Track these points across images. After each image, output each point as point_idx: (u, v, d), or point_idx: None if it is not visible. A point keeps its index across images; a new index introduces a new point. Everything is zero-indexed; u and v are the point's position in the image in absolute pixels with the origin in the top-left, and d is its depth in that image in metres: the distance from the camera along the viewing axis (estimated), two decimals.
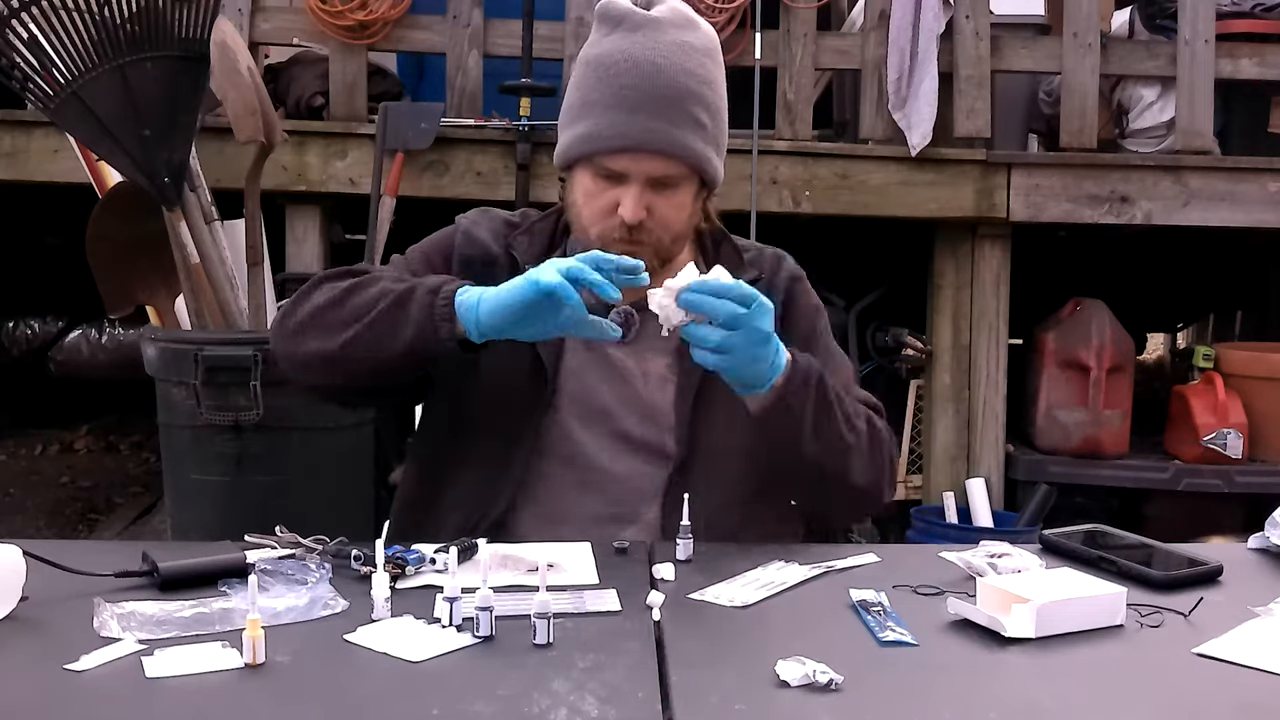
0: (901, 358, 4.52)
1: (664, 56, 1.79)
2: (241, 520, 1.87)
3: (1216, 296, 6.02)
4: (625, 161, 1.80)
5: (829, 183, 4.21)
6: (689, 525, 1.68)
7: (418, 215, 4.27)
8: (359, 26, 4.09)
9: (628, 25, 1.82)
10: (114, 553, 1.61)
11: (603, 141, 1.80)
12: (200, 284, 3.45)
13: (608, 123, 1.79)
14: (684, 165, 1.82)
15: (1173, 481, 4.32)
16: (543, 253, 1.92)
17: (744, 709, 1.22)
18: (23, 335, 5.75)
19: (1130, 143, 4.46)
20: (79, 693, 1.25)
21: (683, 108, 1.80)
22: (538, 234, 1.96)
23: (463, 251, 1.94)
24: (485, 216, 2.01)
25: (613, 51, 1.81)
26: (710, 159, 1.85)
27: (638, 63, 1.79)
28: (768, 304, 1.69)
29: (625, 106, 1.79)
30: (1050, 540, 1.73)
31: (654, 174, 1.80)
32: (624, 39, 1.81)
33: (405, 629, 1.40)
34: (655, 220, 1.83)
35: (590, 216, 1.84)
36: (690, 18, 1.85)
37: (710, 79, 1.84)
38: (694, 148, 1.81)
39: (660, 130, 1.79)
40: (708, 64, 1.84)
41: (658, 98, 1.78)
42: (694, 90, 1.81)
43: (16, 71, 3.23)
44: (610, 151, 1.80)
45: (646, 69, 1.79)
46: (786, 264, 2.01)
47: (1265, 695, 1.29)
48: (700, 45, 1.83)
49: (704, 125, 1.82)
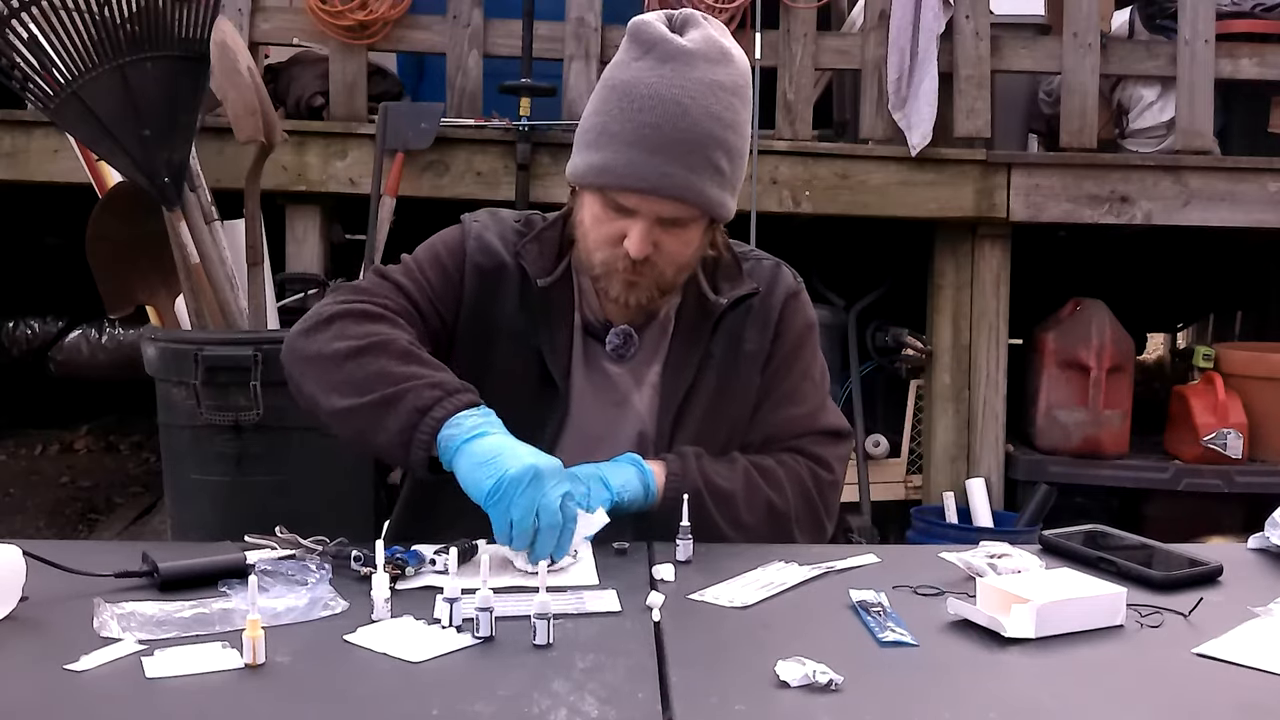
0: (901, 358, 4.52)
1: (691, 97, 1.74)
2: (241, 520, 1.87)
3: (1216, 296, 6.02)
4: (636, 200, 1.77)
5: (829, 183, 4.21)
6: (689, 525, 1.68)
7: (418, 215, 4.28)
8: (359, 26, 4.09)
9: (658, 54, 1.76)
10: (114, 553, 1.61)
11: (617, 178, 1.77)
12: (200, 284, 3.45)
13: (625, 160, 1.75)
14: (696, 209, 1.79)
15: (1173, 481, 4.32)
16: (551, 264, 1.90)
17: (744, 709, 1.22)
18: (23, 335, 5.75)
19: (1130, 143, 4.46)
20: (79, 693, 1.25)
21: (703, 154, 1.76)
22: (546, 243, 1.93)
23: (475, 259, 1.92)
24: (494, 220, 1.98)
25: (639, 83, 1.76)
26: (724, 202, 1.82)
27: (663, 100, 1.74)
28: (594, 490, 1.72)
29: (645, 146, 1.74)
30: (1050, 540, 1.73)
31: (664, 215, 1.78)
32: (652, 70, 1.75)
33: (405, 629, 1.40)
34: (660, 256, 1.81)
35: (596, 242, 1.82)
36: (724, 50, 1.79)
37: (735, 121, 1.78)
38: (709, 194, 1.78)
39: (677, 175, 1.75)
40: (735, 104, 1.78)
41: (679, 141, 1.74)
42: (717, 135, 1.76)
43: (16, 71, 3.23)
44: (623, 189, 1.77)
45: (671, 109, 1.74)
46: (784, 278, 2.00)
47: (1265, 695, 1.29)
48: (730, 84, 1.78)
49: (722, 171, 1.79)
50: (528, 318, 1.90)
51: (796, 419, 1.96)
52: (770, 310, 1.96)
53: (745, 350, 1.94)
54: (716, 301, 1.91)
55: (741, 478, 1.87)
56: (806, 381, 1.99)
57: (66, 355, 5.71)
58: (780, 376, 1.96)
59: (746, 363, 1.94)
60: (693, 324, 1.93)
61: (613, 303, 1.88)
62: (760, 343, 1.95)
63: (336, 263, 4.30)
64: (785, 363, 1.96)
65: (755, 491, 1.86)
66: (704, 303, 1.92)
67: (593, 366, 1.93)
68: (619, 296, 1.85)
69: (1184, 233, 4.50)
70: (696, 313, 1.93)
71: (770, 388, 1.96)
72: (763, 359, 1.95)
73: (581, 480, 1.74)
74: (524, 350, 1.89)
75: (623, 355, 1.93)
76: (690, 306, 1.93)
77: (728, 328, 1.93)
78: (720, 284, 1.93)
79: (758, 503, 1.86)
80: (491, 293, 1.91)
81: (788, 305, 1.97)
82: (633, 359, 1.93)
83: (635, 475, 1.79)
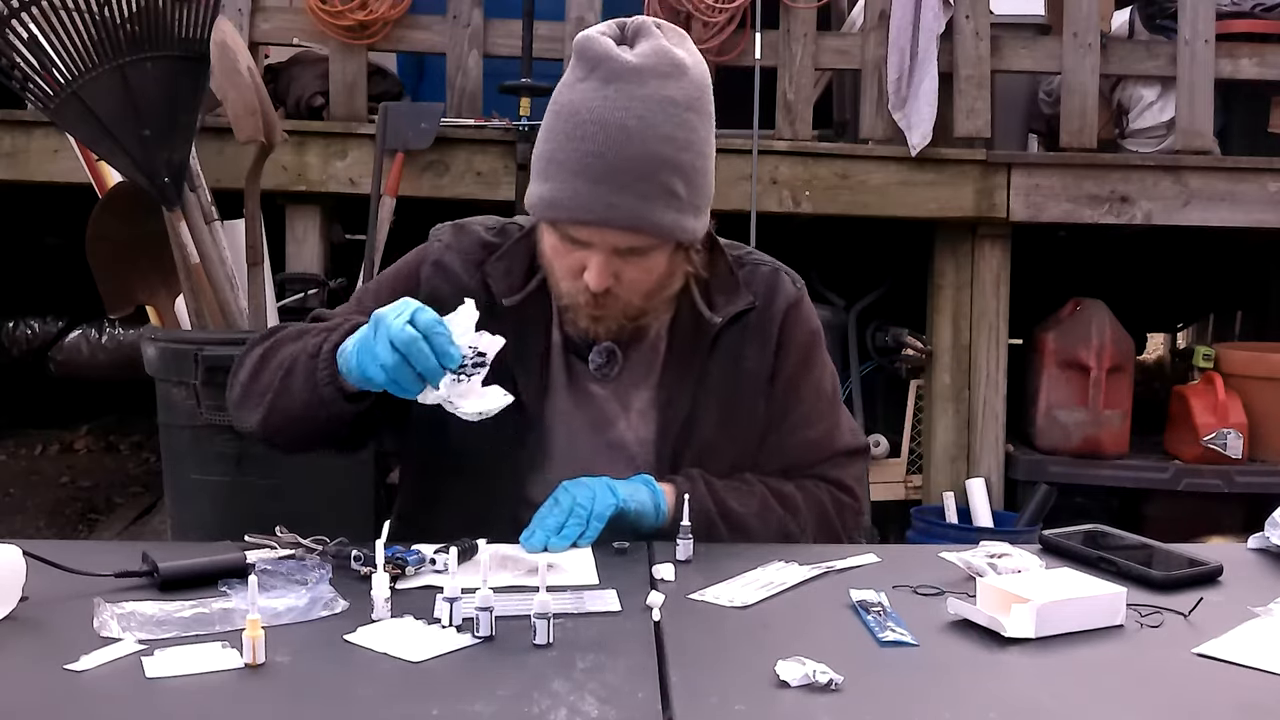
0: (901, 358, 4.52)
1: (637, 118, 1.63)
2: (241, 520, 1.87)
3: (1216, 296, 6.02)
4: (588, 232, 1.68)
5: (829, 183, 4.21)
6: (689, 525, 1.68)
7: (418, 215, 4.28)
8: (359, 26, 4.09)
9: (602, 73, 1.65)
10: (114, 553, 1.61)
11: (565, 211, 1.68)
12: (200, 284, 3.45)
13: (571, 191, 1.66)
14: (652, 238, 1.69)
15: (1173, 481, 4.32)
16: (520, 281, 1.82)
17: (744, 709, 1.22)
18: (23, 335, 5.75)
19: (1130, 143, 4.46)
20: (79, 693, 1.25)
21: (654, 179, 1.65)
22: (515, 259, 1.83)
23: (431, 285, 1.83)
24: (460, 238, 1.88)
25: (582, 106, 1.65)
26: (684, 226, 1.71)
27: (606, 125, 1.63)
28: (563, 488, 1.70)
29: (589, 175, 1.64)
30: (1050, 540, 1.73)
31: (620, 246, 1.69)
32: (596, 92, 1.65)
33: (405, 629, 1.40)
34: (624, 286, 1.72)
35: (558, 273, 1.75)
36: (676, 62, 1.67)
37: (690, 139, 1.67)
38: (662, 221, 1.67)
39: (624, 205, 1.64)
40: (690, 119, 1.67)
41: (624, 169, 1.63)
42: (668, 157, 1.65)
43: (16, 71, 3.23)
44: (572, 222, 1.69)
45: (615, 134, 1.63)
46: (783, 287, 1.90)
47: (1265, 695, 1.29)
48: (683, 99, 1.66)
49: (678, 194, 1.67)
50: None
51: (814, 444, 1.89)
52: (770, 324, 1.86)
53: (745, 369, 1.86)
54: (711, 319, 1.82)
55: (756, 503, 1.82)
56: (820, 400, 1.91)
57: (66, 355, 5.71)
58: (792, 398, 1.88)
59: (748, 382, 1.85)
60: (687, 343, 1.84)
61: (583, 334, 1.80)
62: (761, 360, 1.86)
63: (336, 263, 4.30)
64: (794, 382, 1.88)
65: (770, 517, 1.82)
66: (698, 320, 1.83)
67: (577, 387, 1.85)
68: (586, 328, 1.78)
69: (1184, 233, 4.50)
70: (691, 331, 1.84)
71: (783, 411, 1.87)
72: (766, 377, 1.86)
73: (588, 486, 1.72)
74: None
75: (606, 375, 1.84)
76: (684, 324, 1.84)
77: (725, 346, 1.84)
78: (715, 298, 1.84)
79: (771, 528, 1.81)
80: None
81: (788, 317, 1.88)
82: (617, 378, 1.84)
83: (646, 491, 1.76)
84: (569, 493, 1.72)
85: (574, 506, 1.69)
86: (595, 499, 1.70)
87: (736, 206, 4.05)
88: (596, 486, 1.72)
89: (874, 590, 1.53)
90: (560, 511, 1.70)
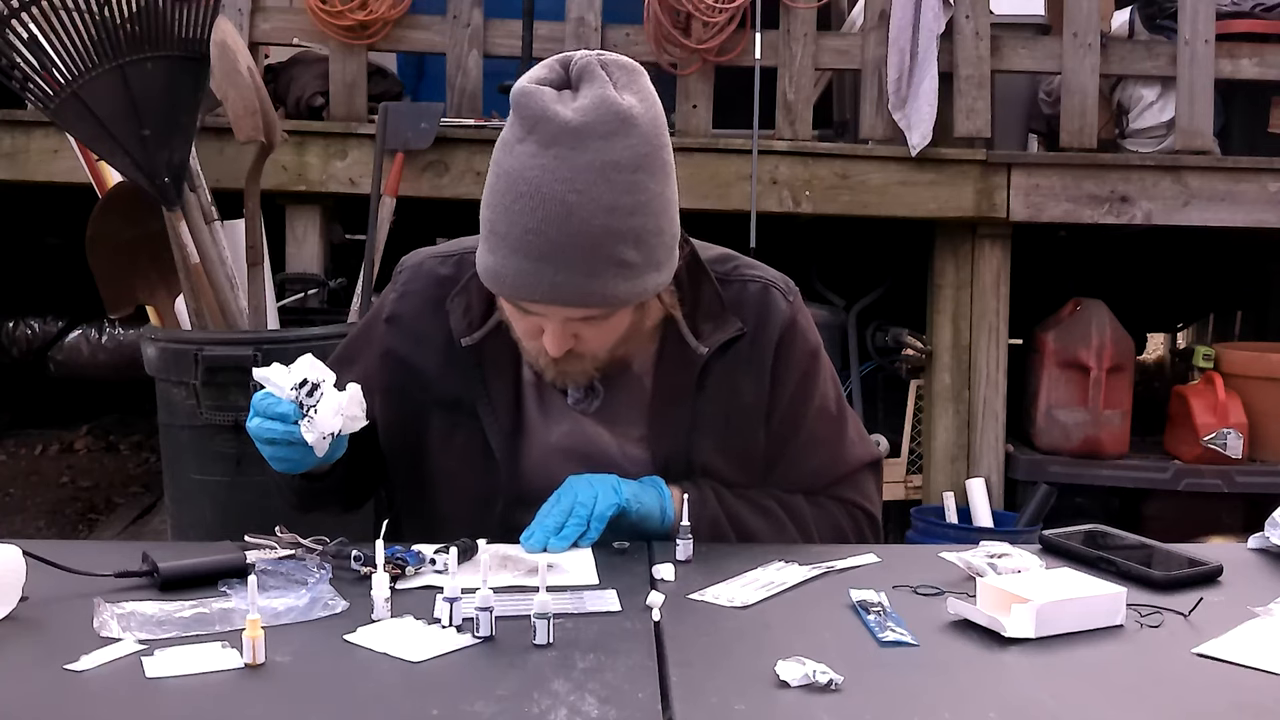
0: (901, 358, 4.52)
1: (577, 191, 1.52)
2: (241, 520, 1.87)
3: (1216, 296, 6.01)
4: (538, 308, 1.61)
5: (829, 183, 4.21)
6: (689, 525, 1.67)
7: (418, 215, 4.28)
8: (359, 26, 4.09)
9: (540, 136, 1.54)
10: (114, 553, 1.61)
11: (509, 288, 1.60)
12: (200, 284, 3.45)
13: (514, 269, 1.57)
14: (602, 310, 1.61)
15: (1173, 481, 4.32)
16: (480, 317, 1.74)
17: (744, 709, 1.22)
18: (23, 335, 5.74)
19: (1130, 143, 4.46)
20: (79, 693, 1.25)
21: (599, 254, 1.55)
22: (473, 294, 1.75)
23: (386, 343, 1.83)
24: (413, 281, 1.83)
25: (521, 175, 1.55)
26: (640, 289, 1.61)
27: (545, 200, 1.53)
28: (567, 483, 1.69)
29: (530, 254, 1.55)
30: (1050, 540, 1.73)
31: (573, 318, 1.62)
32: (534, 159, 1.54)
33: (405, 629, 1.40)
34: (585, 345, 1.66)
35: (518, 333, 1.69)
36: (621, 116, 1.55)
37: (639, 201, 1.56)
38: (616, 293, 1.58)
39: (570, 284, 1.56)
40: (639, 180, 1.56)
41: (566, 245, 1.54)
42: (614, 228, 1.55)
43: (16, 71, 3.23)
44: (516, 299, 1.62)
45: (554, 210, 1.53)
46: (775, 307, 1.79)
47: (1265, 695, 1.29)
48: (629, 160, 1.55)
49: (628, 262, 1.57)
50: (459, 379, 1.76)
51: (820, 470, 1.85)
52: (763, 353, 1.78)
53: (740, 402, 1.78)
54: (698, 350, 1.74)
55: (763, 517, 1.80)
56: (822, 423, 1.84)
57: (66, 355, 5.70)
58: (795, 425, 1.82)
59: (743, 416, 1.78)
60: (674, 377, 1.76)
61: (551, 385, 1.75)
62: (758, 393, 1.78)
63: (336, 263, 4.31)
64: (793, 413, 1.81)
65: (784, 533, 1.80)
66: (684, 352, 1.74)
67: (557, 420, 1.78)
68: (555, 380, 1.73)
69: (1184, 233, 4.49)
70: (677, 363, 1.75)
71: (785, 442, 1.82)
72: (763, 408, 1.79)
73: (590, 485, 1.70)
74: (460, 418, 1.76)
75: (586, 410, 1.78)
76: (670, 356, 1.76)
77: (716, 377, 1.76)
78: (701, 326, 1.75)
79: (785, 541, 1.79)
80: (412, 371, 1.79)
81: (783, 342, 1.79)
82: (602, 412, 1.78)
83: (653, 494, 1.73)
84: (572, 490, 1.70)
85: (575, 506, 1.68)
86: (597, 499, 1.68)
87: (736, 206, 4.05)
88: (600, 486, 1.70)
89: (874, 590, 1.53)
90: (560, 511, 1.69)
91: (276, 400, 1.62)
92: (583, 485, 1.71)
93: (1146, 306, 5.61)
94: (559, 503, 1.70)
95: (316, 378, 1.63)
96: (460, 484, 1.80)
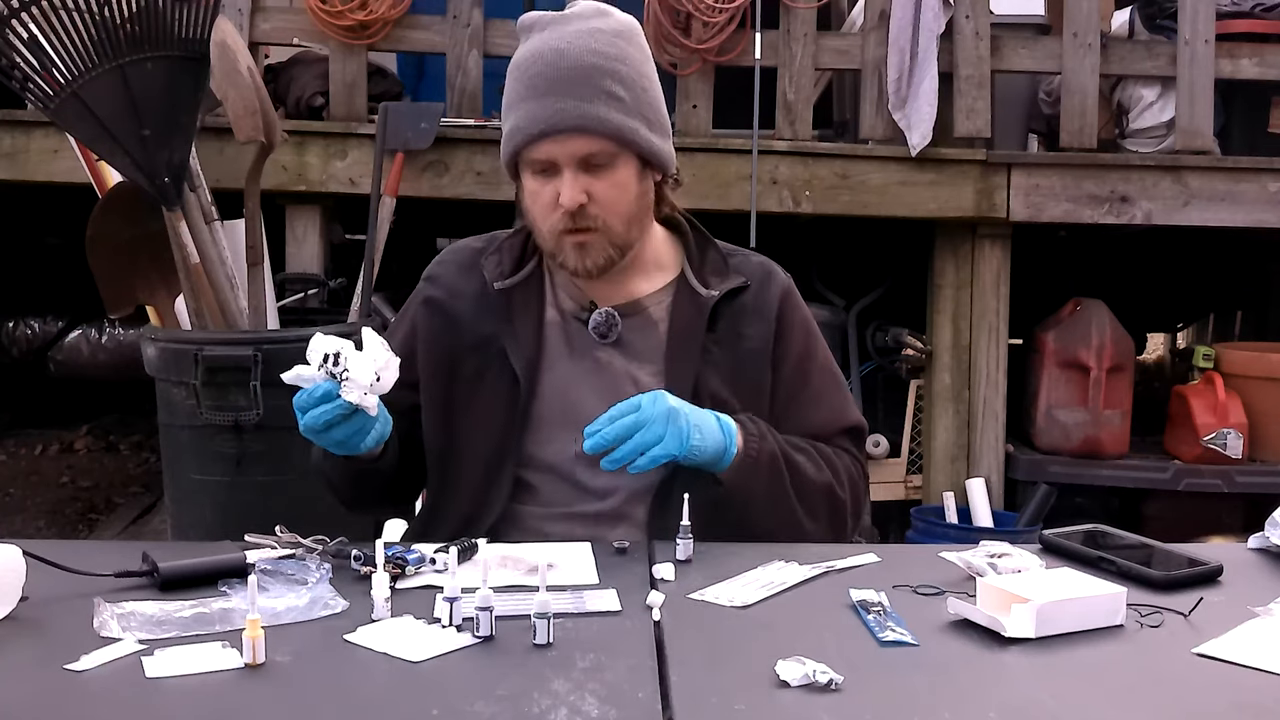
0: (901, 358, 4.52)
1: (568, 42, 1.82)
2: (241, 520, 1.88)
3: (1216, 296, 6.01)
4: (548, 146, 1.81)
5: (829, 183, 4.21)
6: (689, 525, 1.68)
7: (418, 215, 4.28)
8: (359, 26, 4.09)
9: (538, 28, 1.87)
10: (114, 553, 1.61)
11: (522, 134, 1.83)
12: (200, 284, 3.45)
13: (524, 113, 1.83)
14: (607, 140, 1.81)
15: (1173, 481, 4.32)
16: (511, 268, 1.94)
17: (744, 709, 1.22)
18: (23, 335, 5.74)
19: (1130, 143, 4.46)
20: (79, 693, 1.25)
21: (591, 83, 1.81)
22: (506, 250, 1.97)
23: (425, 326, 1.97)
24: (451, 253, 2.04)
25: (524, 53, 1.86)
26: (635, 130, 1.83)
27: (543, 53, 1.83)
28: (654, 396, 1.74)
29: (535, 94, 1.82)
30: (1050, 540, 1.73)
31: (579, 154, 1.81)
32: (534, 40, 1.86)
33: (405, 629, 1.40)
34: (597, 204, 1.83)
35: (538, 214, 1.86)
36: (603, 9, 1.89)
37: (622, 55, 1.84)
38: (611, 120, 1.81)
39: (570, 107, 1.80)
40: (619, 43, 1.85)
41: (562, 79, 1.81)
42: (601, 66, 1.82)
43: (16, 71, 3.23)
44: (530, 141, 1.82)
45: (550, 56, 1.82)
46: (776, 276, 1.99)
47: (1265, 695, 1.29)
48: (610, 28, 1.86)
49: (619, 97, 1.82)
50: (489, 323, 1.92)
51: (830, 419, 1.97)
52: (767, 305, 1.94)
53: (747, 346, 1.93)
54: (709, 295, 1.91)
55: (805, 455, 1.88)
56: (829, 376, 2.01)
57: (66, 355, 5.70)
58: (804, 376, 1.96)
59: (750, 358, 1.92)
60: (686, 321, 1.92)
61: (574, 275, 1.89)
62: (763, 338, 1.93)
63: (336, 263, 4.31)
64: (802, 361, 1.96)
65: (822, 470, 1.89)
66: (695, 298, 1.92)
67: (581, 355, 1.92)
68: (576, 265, 1.86)
69: (1184, 233, 4.49)
70: (689, 309, 1.92)
71: (796, 389, 1.95)
72: (769, 354, 1.93)
73: (658, 426, 1.72)
74: (489, 356, 1.91)
75: (606, 336, 1.92)
76: (682, 304, 1.93)
77: (724, 323, 1.92)
78: (709, 278, 1.94)
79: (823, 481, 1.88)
80: (448, 318, 1.95)
81: (786, 300, 1.97)
82: (621, 346, 1.91)
83: (715, 439, 1.78)
84: (646, 416, 1.72)
85: (638, 434, 1.71)
86: (662, 441, 1.72)
87: (736, 206, 4.05)
88: (670, 430, 1.73)
89: (874, 590, 1.53)
90: (624, 426, 1.71)
91: (314, 388, 1.69)
92: (656, 421, 1.72)
93: (1146, 306, 5.61)
94: (628, 416, 1.72)
95: (333, 348, 1.68)
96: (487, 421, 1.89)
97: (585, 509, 1.88)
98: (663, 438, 1.72)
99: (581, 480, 1.88)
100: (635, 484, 1.86)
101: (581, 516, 1.87)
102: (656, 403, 1.74)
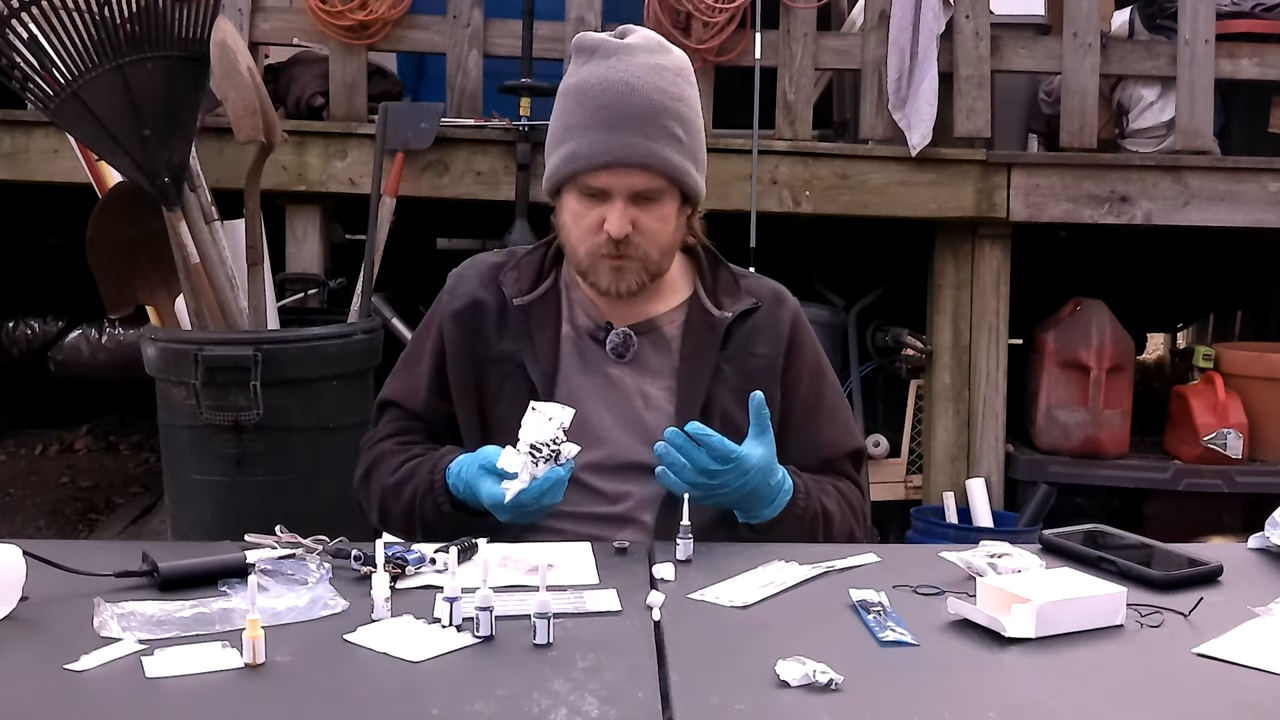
0: (901, 358, 4.52)
1: (637, 77, 1.87)
2: (241, 520, 1.88)
3: (1216, 296, 6.01)
4: (606, 177, 1.87)
5: (829, 183, 4.21)
6: (689, 525, 1.68)
7: (418, 215, 4.28)
8: (359, 26, 4.08)
9: (601, 53, 1.90)
10: (114, 553, 1.61)
11: (584, 160, 1.87)
12: (200, 284, 3.45)
13: (588, 142, 1.87)
14: (663, 178, 1.88)
15: (1173, 481, 4.32)
16: (530, 285, 2.00)
17: (744, 709, 1.22)
18: (23, 335, 5.74)
19: (1130, 143, 4.46)
20: (79, 693, 1.25)
21: (658, 123, 1.87)
22: (525, 267, 2.02)
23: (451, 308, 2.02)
24: (471, 266, 2.08)
25: (589, 78, 1.89)
26: (689, 171, 1.91)
27: (612, 84, 1.87)
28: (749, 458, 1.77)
29: (603, 125, 1.86)
30: (1050, 540, 1.73)
31: (635, 188, 1.87)
32: (599, 65, 1.89)
33: (405, 629, 1.40)
34: (640, 234, 1.89)
35: (579, 235, 1.91)
36: (662, 43, 1.95)
37: (683, 96, 1.91)
38: (672, 160, 1.88)
39: (637, 145, 1.86)
40: (680, 83, 1.92)
41: (633, 115, 1.86)
42: (668, 106, 1.88)
43: (16, 71, 3.23)
44: (592, 169, 1.87)
45: (620, 89, 1.87)
46: (787, 301, 2.05)
47: (1265, 695, 1.29)
48: (672, 66, 1.92)
49: (680, 139, 1.89)
50: (509, 337, 1.98)
51: (840, 439, 2.03)
52: (779, 324, 2.01)
53: (758, 364, 1.98)
54: (722, 316, 1.97)
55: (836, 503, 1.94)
56: (839, 398, 2.08)
57: (66, 355, 5.70)
58: (818, 395, 2.02)
59: (761, 375, 1.96)
60: (699, 341, 1.97)
61: (604, 295, 1.94)
62: (772, 356, 1.99)
63: (336, 263, 4.30)
64: (816, 380, 2.02)
65: (845, 513, 1.95)
66: (709, 319, 1.98)
67: (594, 371, 1.97)
68: (609, 286, 1.91)
69: (1184, 233, 4.49)
70: (702, 329, 1.98)
71: (810, 406, 2.01)
72: (778, 372, 1.98)
73: (733, 494, 1.78)
74: (509, 368, 1.96)
75: (622, 355, 1.96)
76: (695, 324, 1.99)
77: (736, 341, 1.98)
78: (721, 299, 2.00)
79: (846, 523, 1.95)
80: (473, 330, 2.00)
81: (797, 321, 2.03)
82: (634, 364, 1.96)
83: (769, 494, 1.82)
84: (725, 482, 1.76)
85: (710, 494, 1.76)
86: (726, 498, 1.78)
87: (736, 206, 4.05)
88: (741, 497, 1.79)
89: (874, 590, 1.53)
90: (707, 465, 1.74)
91: (544, 479, 1.71)
92: (730, 493, 1.78)
93: (1146, 306, 5.61)
94: (722, 466, 1.75)
95: (544, 436, 1.71)
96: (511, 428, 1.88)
97: (595, 510, 1.90)
98: (729, 497, 1.78)
99: (592, 483, 1.91)
100: (645, 491, 1.89)
101: (590, 518, 1.89)
102: (748, 475, 1.77)
